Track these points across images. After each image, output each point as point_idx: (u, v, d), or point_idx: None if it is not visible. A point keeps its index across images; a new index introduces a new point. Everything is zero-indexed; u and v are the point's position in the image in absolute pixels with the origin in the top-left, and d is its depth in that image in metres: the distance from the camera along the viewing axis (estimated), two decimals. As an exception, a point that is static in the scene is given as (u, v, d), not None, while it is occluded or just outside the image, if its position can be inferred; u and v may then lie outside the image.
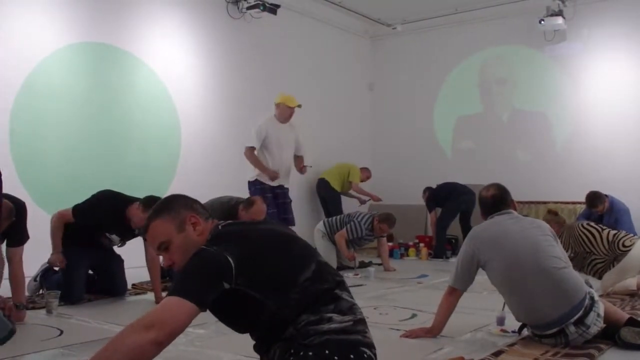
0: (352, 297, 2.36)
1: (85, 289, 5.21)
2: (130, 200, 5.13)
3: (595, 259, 5.29)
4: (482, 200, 3.95)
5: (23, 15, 6.68)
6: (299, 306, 2.20)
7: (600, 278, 5.36)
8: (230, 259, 2.13)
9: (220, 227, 2.36)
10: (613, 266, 5.36)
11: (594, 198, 7.85)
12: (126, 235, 5.29)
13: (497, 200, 3.89)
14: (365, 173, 10.16)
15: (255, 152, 7.08)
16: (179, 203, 2.38)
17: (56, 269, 5.15)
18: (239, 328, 2.39)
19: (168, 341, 2.03)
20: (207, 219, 2.37)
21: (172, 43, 8.24)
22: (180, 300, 2.05)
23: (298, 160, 7.46)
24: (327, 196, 9.85)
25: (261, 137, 7.03)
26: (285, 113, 7.14)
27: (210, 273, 2.13)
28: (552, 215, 6.03)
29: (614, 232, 5.51)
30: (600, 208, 7.83)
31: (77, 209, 5.05)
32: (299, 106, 7.21)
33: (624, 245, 5.32)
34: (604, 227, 5.68)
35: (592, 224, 5.74)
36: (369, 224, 7.32)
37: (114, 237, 5.26)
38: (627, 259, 5.29)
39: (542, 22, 9.36)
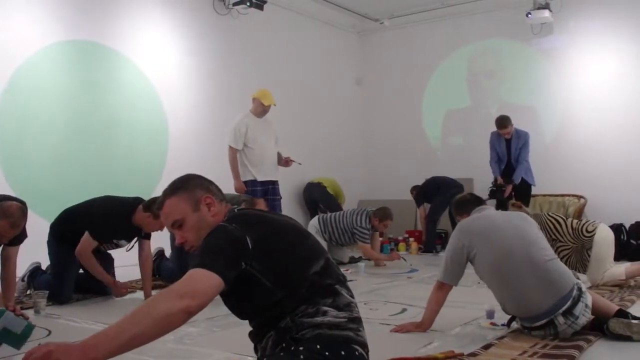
0: (352, 295, 2.37)
1: (74, 289, 5.18)
2: (131, 203, 5.08)
3: (560, 246, 5.34)
4: (460, 199, 4.19)
5: (9, 13, 6.63)
6: (302, 298, 2.21)
7: (567, 266, 5.44)
8: (248, 239, 2.15)
9: (236, 210, 2.39)
10: (580, 254, 5.44)
11: (504, 119, 8.28)
12: (133, 238, 5.26)
13: (475, 197, 4.16)
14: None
15: (238, 154, 7.00)
16: (195, 182, 2.40)
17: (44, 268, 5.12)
18: (241, 314, 2.39)
19: (197, 311, 2.01)
20: (222, 201, 2.40)
21: (159, 40, 8.20)
22: (208, 272, 2.04)
23: (277, 154, 7.36)
24: (323, 199, 9.81)
25: (241, 135, 6.94)
26: (259, 108, 7.05)
27: (232, 250, 2.13)
28: (516, 208, 6.13)
29: (577, 220, 5.64)
30: (510, 129, 8.23)
31: (94, 234, 4.95)
32: (274, 104, 7.13)
33: (587, 231, 5.41)
34: (573, 218, 5.88)
35: (557, 213, 5.92)
36: (369, 224, 7.36)
37: (123, 242, 5.23)
38: (596, 248, 5.38)
39: (529, 15, 9.36)
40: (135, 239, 5.23)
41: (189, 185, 2.38)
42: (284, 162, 7.33)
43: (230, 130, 7.01)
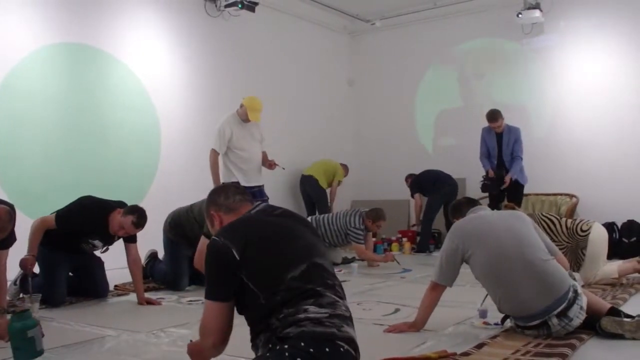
0: (338, 297, 2.41)
1: (66, 292, 5.17)
2: (112, 206, 5.09)
3: (556, 245, 5.34)
4: (455, 204, 4.22)
5: (0, 16, 6.62)
6: (282, 301, 2.27)
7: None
8: (235, 252, 2.31)
9: (253, 212, 2.61)
10: (575, 253, 5.44)
11: (495, 112, 8.31)
12: (109, 240, 5.25)
13: (469, 199, 4.19)
14: (345, 170, 10.24)
15: (220, 157, 6.91)
16: (210, 201, 2.70)
17: (36, 271, 5.10)
18: (238, 311, 2.47)
19: (222, 340, 2.40)
20: (230, 210, 2.62)
21: (150, 42, 8.19)
22: (211, 303, 2.38)
23: (263, 155, 7.24)
24: (314, 194, 9.81)
25: (225, 139, 6.82)
26: (244, 116, 6.90)
27: (224, 271, 2.35)
28: (510, 210, 6.16)
29: (571, 220, 5.64)
30: (500, 122, 8.25)
31: (59, 215, 4.99)
32: (257, 121, 6.98)
33: (582, 230, 5.42)
34: (565, 217, 5.88)
35: (551, 213, 5.91)
36: (362, 225, 7.39)
37: (97, 242, 5.23)
38: (591, 246, 5.39)
39: (520, 15, 9.38)
40: (109, 243, 5.25)
41: (207, 205, 2.71)
42: (268, 165, 7.26)
43: (215, 132, 6.93)
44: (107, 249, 5.34)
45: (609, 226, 7.99)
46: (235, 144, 6.88)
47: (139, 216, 4.97)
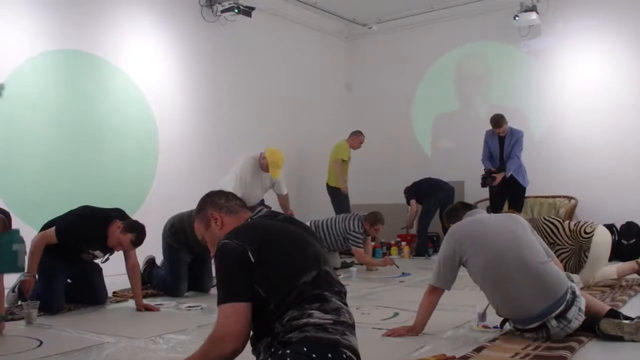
0: (343, 303, 2.41)
1: (65, 299, 5.16)
2: (112, 216, 5.09)
3: (559, 249, 5.34)
4: (451, 209, 4.20)
5: (-5, 23, 6.63)
6: (289, 305, 2.27)
7: (566, 268, 5.43)
8: (250, 253, 2.28)
9: (250, 219, 2.58)
10: (578, 255, 5.43)
11: (499, 118, 8.51)
12: (109, 250, 5.24)
13: (465, 203, 4.21)
14: (357, 138, 9.71)
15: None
16: (207, 202, 2.66)
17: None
18: None
19: (244, 345, 2.26)
20: (231, 212, 2.61)
21: (147, 48, 8.19)
22: (232, 305, 2.26)
23: (283, 199, 7.62)
24: (331, 197, 9.59)
25: (245, 186, 7.08)
26: (265, 167, 7.24)
27: (240, 271, 2.29)
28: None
29: (574, 222, 5.64)
30: (504, 128, 8.47)
31: (59, 229, 4.97)
32: (277, 177, 7.33)
33: (585, 232, 5.42)
34: (564, 219, 5.87)
35: (553, 216, 5.93)
36: (361, 229, 7.40)
37: (97, 252, 5.22)
38: (594, 249, 5.39)
39: (517, 17, 9.40)
40: (110, 253, 5.24)
41: (202, 207, 2.66)
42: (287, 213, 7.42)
43: (236, 176, 7.12)
44: (108, 259, 5.32)
45: (608, 228, 7.96)
46: (244, 188, 7.08)
47: (138, 235, 4.99)
